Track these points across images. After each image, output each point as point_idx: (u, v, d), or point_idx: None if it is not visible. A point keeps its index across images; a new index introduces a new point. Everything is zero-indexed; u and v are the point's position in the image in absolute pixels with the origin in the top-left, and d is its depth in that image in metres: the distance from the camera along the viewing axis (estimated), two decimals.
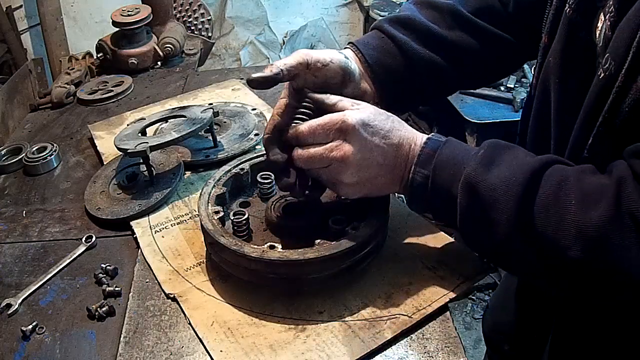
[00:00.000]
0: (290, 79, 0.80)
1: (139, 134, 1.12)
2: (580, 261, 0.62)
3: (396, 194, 0.91)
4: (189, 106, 1.24)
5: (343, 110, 0.77)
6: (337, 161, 0.75)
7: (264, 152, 0.84)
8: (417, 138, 0.78)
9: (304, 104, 0.81)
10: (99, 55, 1.67)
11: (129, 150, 1.03)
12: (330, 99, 0.79)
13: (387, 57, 0.88)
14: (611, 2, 0.65)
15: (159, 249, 0.94)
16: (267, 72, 0.78)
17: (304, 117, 0.80)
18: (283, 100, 0.82)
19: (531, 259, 0.69)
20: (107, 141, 1.26)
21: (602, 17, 0.67)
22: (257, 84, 0.78)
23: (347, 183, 0.77)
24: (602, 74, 0.64)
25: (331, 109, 0.78)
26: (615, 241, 0.60)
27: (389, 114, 0.79)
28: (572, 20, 0.71)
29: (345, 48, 0.91)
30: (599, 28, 0.68)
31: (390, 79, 0.88)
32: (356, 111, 0.76)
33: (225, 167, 0.98)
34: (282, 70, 0.78)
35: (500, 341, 1.06)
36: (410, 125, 0.80)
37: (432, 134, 0.79)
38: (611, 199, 0.61)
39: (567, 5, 0.72)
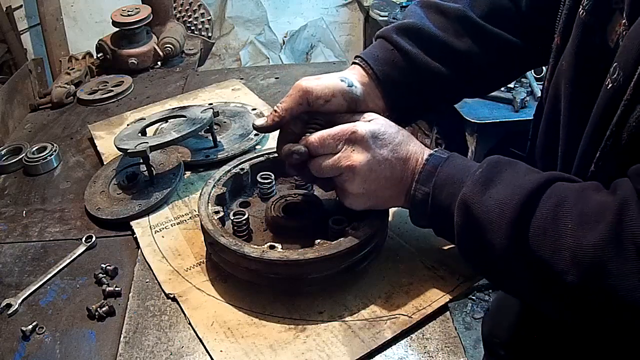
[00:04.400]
0: (292, 118, 0.81)
1: (139, 134, 1.12)
2: (577, 287, 0.59)
3: None
4: (189, 106, 1.24)
5: (354, 122, 0.77)
6: (346, 170, 0.75)
7: (277, 150, 0.85)
8: (424, 153, 0.77)
9: (315, 118, 0.81)
10: (99, 55, 1.67)
11: (129, 150, 1.03)
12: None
13: (397, 71, 0.86)
14: (624, 7, 0.61)
15: (159, 249, 0.94)
16: (269, 121, 0.81)
17: (314, 130, 0.80)
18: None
19: (528, 282, 0.67)
20: (107, 141, 1.26)
21: (620, 20, 0.63)
22: (261, 131, 0.84)
23: (354, 193, 0.77)
24: (610, 84, 0.60)
25: (342, 120, 0.79)
26: (612, 267, 0.56)
27: (399, 127, 0.79)
28: (586, 23, 0.68)
29: (354, 63, 0.89)
30: (617, 32, 0.63)
31: (400, 93, 0.87)
32: (367, 123, 0.77)
33: (225, 167, 0.98)
34: (283, 116, 0.80)
35: (496, 345, 1.06)
36: (410, 127, 0.80)
37: (436, 149, 0.78)
38: (611, 222, 0.57)
39: (580, 7, 0.69)
